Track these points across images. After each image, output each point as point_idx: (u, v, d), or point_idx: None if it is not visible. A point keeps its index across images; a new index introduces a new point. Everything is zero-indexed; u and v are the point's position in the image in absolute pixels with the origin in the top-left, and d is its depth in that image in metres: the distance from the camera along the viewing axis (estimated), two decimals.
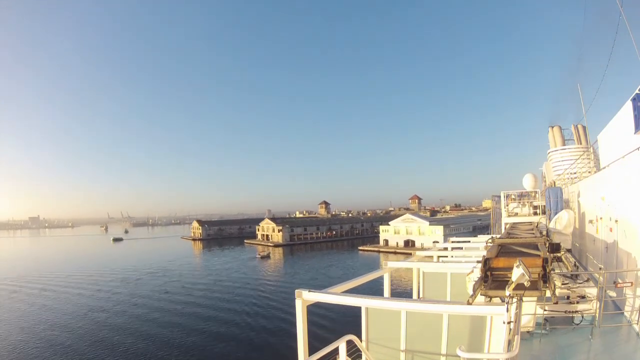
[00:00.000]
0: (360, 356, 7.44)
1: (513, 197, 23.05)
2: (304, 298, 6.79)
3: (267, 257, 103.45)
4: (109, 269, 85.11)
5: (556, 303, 6.64)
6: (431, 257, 14.78)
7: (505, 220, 20.85)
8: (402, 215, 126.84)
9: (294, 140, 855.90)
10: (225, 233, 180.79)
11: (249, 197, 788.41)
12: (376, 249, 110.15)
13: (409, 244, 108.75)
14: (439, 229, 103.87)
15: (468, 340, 6.75)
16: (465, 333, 6.90)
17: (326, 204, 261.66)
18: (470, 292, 5.89)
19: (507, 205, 22.17)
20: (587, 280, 9.32)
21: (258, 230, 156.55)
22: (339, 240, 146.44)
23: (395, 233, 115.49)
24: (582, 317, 8.22)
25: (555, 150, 33.30)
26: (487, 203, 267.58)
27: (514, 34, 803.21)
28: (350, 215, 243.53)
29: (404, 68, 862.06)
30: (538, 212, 20.53)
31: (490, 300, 5.82)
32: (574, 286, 8.88)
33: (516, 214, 21.39)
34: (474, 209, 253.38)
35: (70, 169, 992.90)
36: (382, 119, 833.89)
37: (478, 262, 7.15)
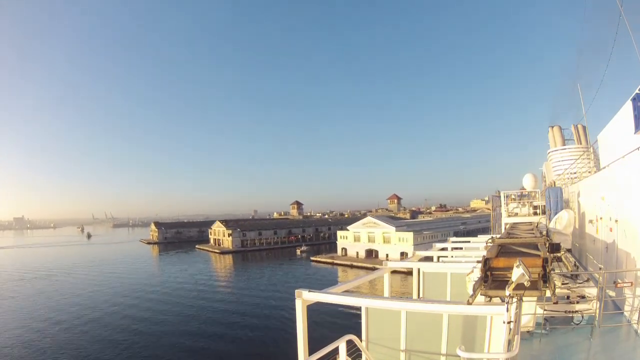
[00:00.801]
0: (360, 356, 7.43)
1: (513, 197, 23.04)
2: (304, 298, 6.77)
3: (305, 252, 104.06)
4: None
5: (556, 303, 6.63)
6: (431, 257, 14.78)
7: (505, 220, 20.84)
8: (384, 215, 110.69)
9: (288, 138, 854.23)
10: (184, 236, 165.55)
11: (241, 196, 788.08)
12: (330, 260, 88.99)
13: (372, 254, 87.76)
14: (408, 236, 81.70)
15: (468, 340, 6.76)
16: (465, 333, 6.91)
17: (298, 204, 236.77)
18: (470, 292, 5.87)
19: (507, 205, 22.16)
20: (587, 280, 9.32)
21: (210, 234, 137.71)
22: (299, 245, 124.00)
23: (355, 240, 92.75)
24: (582, 317, 8.23)
25: (555, 150, 33.32)
26: (475, 203, 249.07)
27: (514, 34, 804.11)
28: (326, 216, 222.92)
29: (404, 70, 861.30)
30: (538, 212, 20.50)
31: (490, 300, 5.81)
32: (574, 286, 8.87)
33: (516, 214, 21.37)
34: (460, 209, 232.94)
35: (59, 170, 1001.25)
36: (380, 120, 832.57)
37: (478, 262, 7.13)
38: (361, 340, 7.56)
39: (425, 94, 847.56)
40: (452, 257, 14.89)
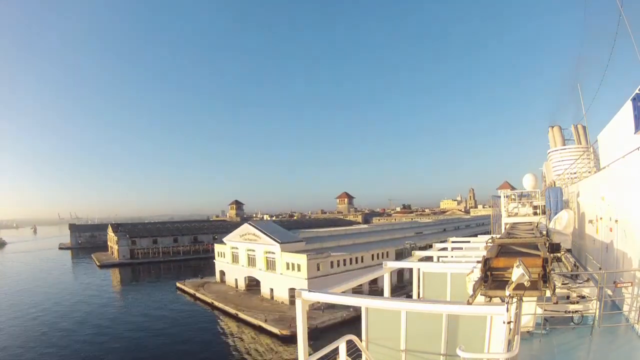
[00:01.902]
0: (360, 356, 7.44)
1: (513, 197, 23.08)
2: (304, 298, 6.75)
3: None
4: None
5: (556, 303, 6.65)
6: (431, 257, 14.79)
7: (505, 220, 20.86)
8: (332, 217, 77.25)
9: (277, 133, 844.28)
10: (99, 240, 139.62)
11: (218, 197, 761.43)
12: (194, 290, 61.41)
13: (258, 284, 58.20)
14: (301, 262, 49.52)
15: (468, 340, 6.76)
16: (465, 333, 6.92)
17: (238, 204, 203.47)
18: (470, 292, 5.89)
19: (507, 205, 22.19)
20: (587, 280, 9.33)
21: (108, 241, 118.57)
22: (209, 257, 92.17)
23: (233, 261, 62.61)
24: (582, 317, 8.24)
25: (555, 150, 33.27)
26: (446, 204, 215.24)
27: (514, 33, 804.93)
28: (273, 219, 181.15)
29: (405, 71, 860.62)
30: (538, 212, 20.53)
31: (490, 300, 5.82)
32: (573, 286, 8.89)
33: (516, 214, 21.40)
34: (427, 210, 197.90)
35: (33, 168, 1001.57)
36: (379, 121, 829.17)
37: (478, 262, 7.15)
38: (361, 340, 7.58)
39: (423, 93, 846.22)
40: (452, 257, 14.91)
